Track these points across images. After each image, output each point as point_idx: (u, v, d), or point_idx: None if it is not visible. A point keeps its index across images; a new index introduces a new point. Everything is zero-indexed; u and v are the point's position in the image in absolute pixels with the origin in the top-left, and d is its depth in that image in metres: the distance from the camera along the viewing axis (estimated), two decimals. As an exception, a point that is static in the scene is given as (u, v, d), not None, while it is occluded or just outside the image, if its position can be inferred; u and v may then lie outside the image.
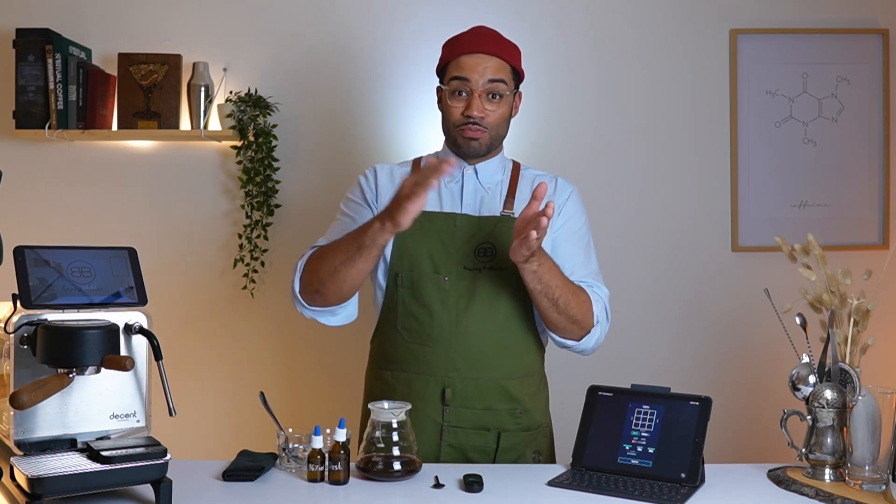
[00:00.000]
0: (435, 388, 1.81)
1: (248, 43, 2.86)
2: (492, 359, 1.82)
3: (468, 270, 1.81)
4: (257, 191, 2.77)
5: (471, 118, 1.81)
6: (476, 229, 1.83)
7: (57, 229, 2.83)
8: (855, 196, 2.89)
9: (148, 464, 1.42)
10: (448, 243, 1.83)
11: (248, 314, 2.87)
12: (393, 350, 1.86)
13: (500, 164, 1.94)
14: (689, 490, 1.55)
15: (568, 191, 1.94)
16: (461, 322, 1.80)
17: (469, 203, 1.88)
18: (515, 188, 1.90)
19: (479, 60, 1.81)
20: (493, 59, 1.82)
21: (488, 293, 1.81)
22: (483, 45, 1.83)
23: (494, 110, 1.83)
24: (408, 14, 2.86)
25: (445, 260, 1.82)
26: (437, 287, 1.81)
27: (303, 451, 1.67)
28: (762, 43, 2.87)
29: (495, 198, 1.89)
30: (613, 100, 2.88)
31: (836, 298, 1.68)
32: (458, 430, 1.81)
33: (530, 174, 1.95)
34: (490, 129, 1.83)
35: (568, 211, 1.92)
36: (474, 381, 1.81)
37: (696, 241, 2.89)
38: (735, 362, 2.89)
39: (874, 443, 1.55)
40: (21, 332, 1.41)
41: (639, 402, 1.68)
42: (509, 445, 1.82)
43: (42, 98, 2.68)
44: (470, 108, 1.81)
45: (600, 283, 1.89)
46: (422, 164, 1.92)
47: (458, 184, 1.90)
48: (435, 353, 1.81)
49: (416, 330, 1.82)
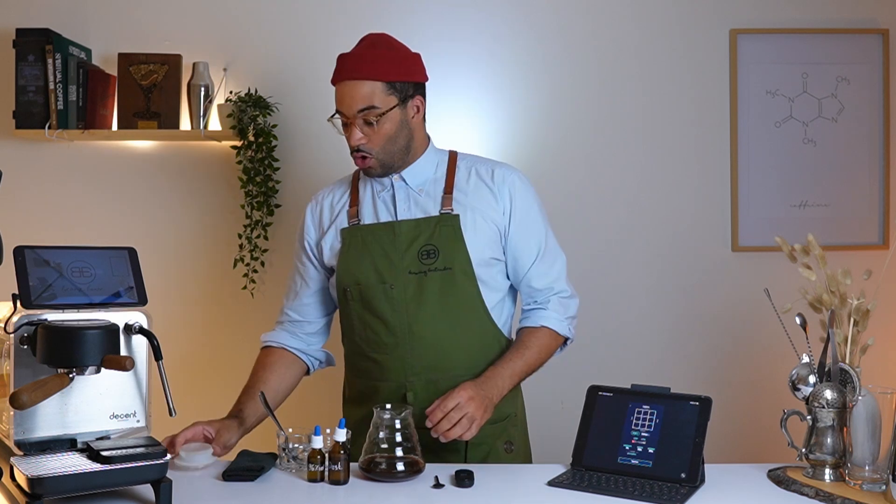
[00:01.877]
0: (397, 393, 1.83)
1: (248, 43, 2.86)
2: (448, 357, 1.83)
3: (413, 275, 1.82)
4: (257, 191, 2.77)
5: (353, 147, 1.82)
6: (416, 233, 1.84)
7: (57, 229, 2.83)
8: (855, 196, 2.89)
9: (148, 464, 1.42)
10: (390, 251, 1.83)
11: (248, 314, 2.87)
12: (357, 360, 1.91)
13: (430, 161, 1.92)
14: (689, 490, 1.55)
15: (510, 181, 1.90)
16: (414, 326, 1.82)
17: (404, 208, 1.87)
18: (452, 183, 1.89)
19: (347, 89, 1.79)
20: (361, 84, 1.77)
21: (436, 294, 1.81)
22: (350, 71, 1.79)
23: (373, 133, 1.81)
24: (408, 14, 2.86)
25: (389, 268, 1.83)
26: (384, 296, 1.82)
27: (303, 451, 1.67)
28: (762, 43, 2.87)
29: (430, 198, 1.88)
30: (613, 100, 2.88)
31: (836, 298, 1.68)
32: (425, 431, 1.74)
33: (467, 163, 1.93)
34: (377, 152, 1.82)
35: (517, 201, 1.89)
36: (434, 382, 1.82)
37: (696, 241, 2.89)
38: (735, 362, 2.89)
39: (874, 443, 1.55)
40: (21, 332, 1.42)
41: (639, 402, 1.68)
42: (478, 440, 1.80)
43: (42, 98, 2.68)
44: (350, 139, 1.82)
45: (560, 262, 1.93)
46: (359, 178, 1.96)
47: (388, 192, 1.90)
48: (392, 360, 1.83)
49: (372, 339, 1.85)
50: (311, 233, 1.97)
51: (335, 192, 1.99)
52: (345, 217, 1.91)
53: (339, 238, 1.89)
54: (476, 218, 1.85)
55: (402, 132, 1.84)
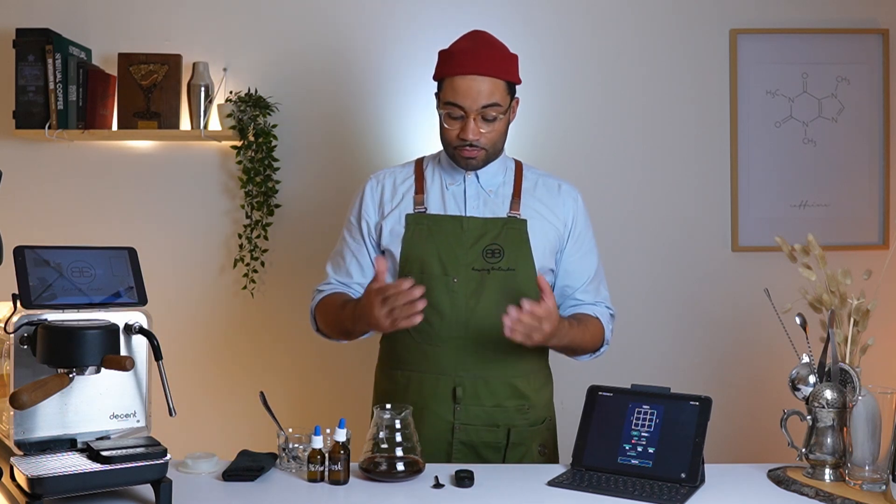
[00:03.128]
0: (446, 387, 1.84)
1: (248, 43, 2.86)
2: (500, 357, 1.85)
3: (476, 271, 1.84)
4: (257, 191, 2.77)
5: (466, 140, 1.83)
6: (483, 231, 1.86)
7: (57, 229, 2.83)
8: (855, 196, 2.89)
9: (148, 464, 1.42)
10: (455, 245, 1.85)
11: (248, 314, 2.87)
12: (403, 350, 1.90)
13: (501, 165, 1.95)
14: (689, 490, 1.55)
15: (574, 196, 1.96)
16: (470, 322, 1.83)
17: (473, 206, 1.89)
18: (520, 189, 1.92)
19: (471, 84, 1.79)
20: (487, 80, 1.80)
21: (496, 293, 1.83)
22: (476, 66, 1.80)
23: (490, 131, 1.83)
24: (408, 14, 2.86)
25: (454, 261, 1.84)
26: (446, 288, 1.83)
27: (303, 451, 1.67)
28: (762, 43, 2.87)
29: (498, 200, 1.91)
30: (614, 100, 2.88)
31: (836, 298, 1.68)
32: (470, 428, 1.84)
33: (534, 174, 1.97)
34: (487, 147, 1.85)
35: (579, 220, 1.95)
36: (484, 380, 1.84)
37: (696, 241, 2.89)
38: (735, 362, 2.89)
39: (874, 443, 1.55)
40: (21, 332, 1.42)
41: (639, 402, 1.68)
42: (517, 441, 1.86)
43: (42, 98, 2.68)
44: (465, 131, 1.82)
45: (604, 287, 1.98)
46: (424, 166, 1.96)
47: (460, 187, 1.91)
48: (445, 353, 1.84)
49: (426, 331, 1.84)
50: (370, 211, 1.95)
51: (397, 174, 1.98)
52: (410, 202, 1.91)
53: (403, 222, 1.88)
54: (541, 226, 1.89)
55: (506, 131, 1.89)
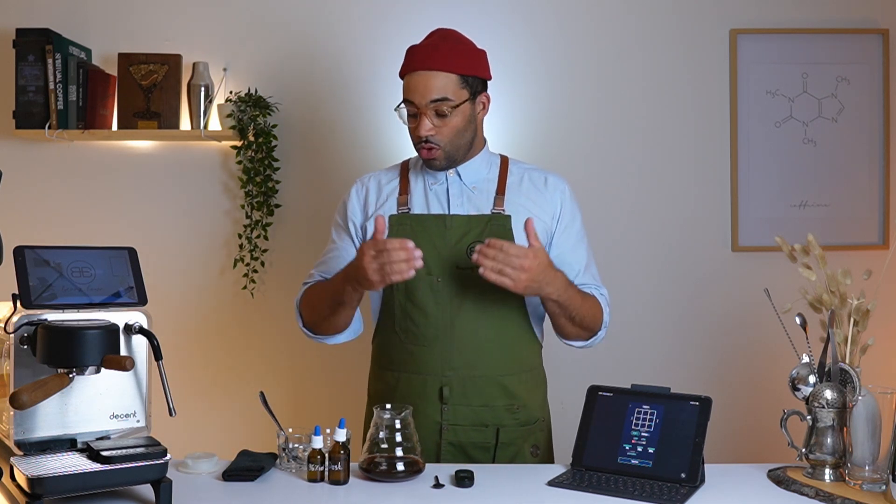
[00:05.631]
0: (433, 387, 1.82)
1: (248, 43, 2.86)
2: (488, 356, 1.83)
3: (461, 270, 1.82)
4: (257, 191, 2.77)
5: (422, 137, 1.82)
6: (467, 228, 1.85)
7: (57, 229, 2.83)
8: (855, 196, 2.89)
9: (148, 464, 1.42)
10: (440, 244, 1.84)
11: (248, 314, 2.87)
12: (392, 351, 1.89)
13: (485, 161, 1.94)
14: (689, 490, 1.55)
15: (561, 188, 1.94)
16: (456, 321, 1.82)
17: (456, 203, 1.88)
18: (505, 185, 1.90)
19: (420, 80, 1.80)
20: (437, 75, 1.79)
21: (481, 292, 1.81)
22: (425, 62, 1.80)
23: (443, 126, 1.82)
24: (408, 14, 2.86)
25: (438, 261, 1.83)
26: (430, 288, 1.82)
27: (303, 451, 1.67)
28: (762, 43, 2.87)
29: (483, 196, 1.89)
30: (613, 99, 2.88)
31: (836, 298, 1.68)
32: (458, 428, 1.82)
33: (519, 168, 1.96)
34: (444, 144, 1.83)
35: (566, 211, 1.92)
36: (471, 379, 1.82)
37: (695, 241, 2.89)
38: (735, 362, 2.89)
39: (874, 443, 1.55)
40: (21, 332, 1.42)
41: (639, 402, 1.68)
42: (507, 441, 1.84)
43: (42, 98, 2.68)
44: (418, 128, 1.82)
45: (599, 282, 1.94)
46: (409, 167, 1.96)
47: (442, 186, 1.90)
48: (431, 353, 1.83)
49: (412, 331, 1.84)
50: (356, 213, 1.95)
51: (382, 176, 1.98)
52: (394, 203, 1.90)
53: (387, 223, 1.86)
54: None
55: (469, 127, 1.86)
